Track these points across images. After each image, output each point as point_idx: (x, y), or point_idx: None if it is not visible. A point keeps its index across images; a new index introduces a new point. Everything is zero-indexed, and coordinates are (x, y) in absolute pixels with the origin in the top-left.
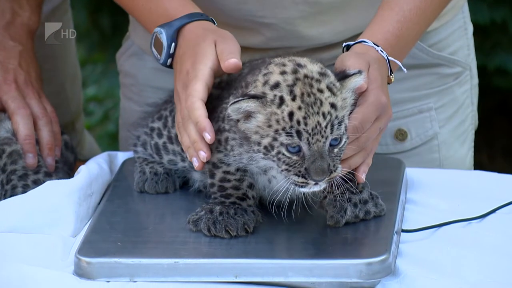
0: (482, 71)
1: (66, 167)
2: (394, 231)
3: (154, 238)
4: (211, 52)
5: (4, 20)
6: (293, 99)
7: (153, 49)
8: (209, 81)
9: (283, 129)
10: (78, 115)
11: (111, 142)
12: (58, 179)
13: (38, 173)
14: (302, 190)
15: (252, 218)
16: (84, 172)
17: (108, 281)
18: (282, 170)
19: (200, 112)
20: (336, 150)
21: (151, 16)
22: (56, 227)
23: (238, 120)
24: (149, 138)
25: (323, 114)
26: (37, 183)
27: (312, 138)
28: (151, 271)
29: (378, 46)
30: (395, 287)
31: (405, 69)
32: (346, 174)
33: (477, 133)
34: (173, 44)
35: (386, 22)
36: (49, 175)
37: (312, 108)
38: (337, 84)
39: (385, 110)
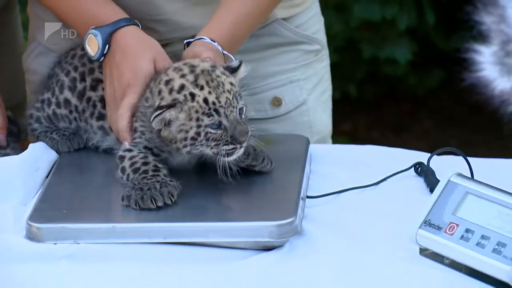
0: (374, 61)
1: (13, 138)
2: (300, 197)
3: (94, 206)
4: (151, 70)
5: None
6: (201, 88)
7: (87, 47)
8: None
9: (203, 113)
10: (25, 99)
11: None
12: (11, 149)
13: None
14: (231, 158)
15: (174, 186)
16: (30, 149)
17: (55, 243)
18: (212, 148)
19: (124, 123)
20: (243, 116)
21: (82, 20)
22: (7, 198)
23: (160, 130)
24: (41, 112)
25: (228, 91)
26: None
27: (227, 111)
28: (92, 235)
29: (214, 41)
30: (301, 245)
31: (236, 62)
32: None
33: (371, 113)
34: (106, 45)
35: (222, 23)
36: (3, 148)
37: (218, 89)
38: (226, 71)
39: None
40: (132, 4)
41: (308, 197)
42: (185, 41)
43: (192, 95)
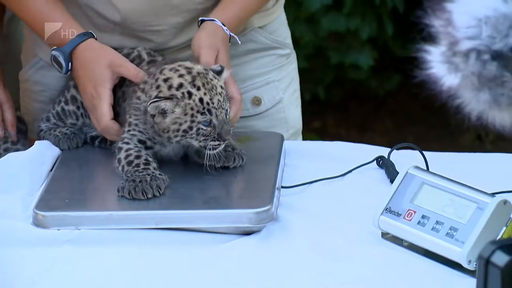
0: (340, 66)
1: (22, 135)
2: (276, 187)
3: (93, 196)
4: (108, 75)
5: None
6: (198, 89)
7: (54, 64)
8: (111, 100)
9: (198, 111)
10: None
11: None
12: (21, 145)
13: (7, 142)
14: (215, 151)
15: (162, 180)
16: (36, 145)
17: (58, 229)
18: (200, 141)
19: (113, 131)
20: (228, 117)
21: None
22: (16, 189)
23: (154, 115)
24: (51, 111)
25: (220, 94)
26: (7, 150)
27: (218, 111)
28: (91, 221)
29: (224, 25)
30: (276, 230)
31: (239, 41)
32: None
33: (338, 112)
34: (69, 63)
35: (232, 9)
36: (14, 144)
37: (212, 91)
38: (216, 75)
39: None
40: (133, 16)
41: (282, 187)
42: (200, 18)
43: (190, 94)
